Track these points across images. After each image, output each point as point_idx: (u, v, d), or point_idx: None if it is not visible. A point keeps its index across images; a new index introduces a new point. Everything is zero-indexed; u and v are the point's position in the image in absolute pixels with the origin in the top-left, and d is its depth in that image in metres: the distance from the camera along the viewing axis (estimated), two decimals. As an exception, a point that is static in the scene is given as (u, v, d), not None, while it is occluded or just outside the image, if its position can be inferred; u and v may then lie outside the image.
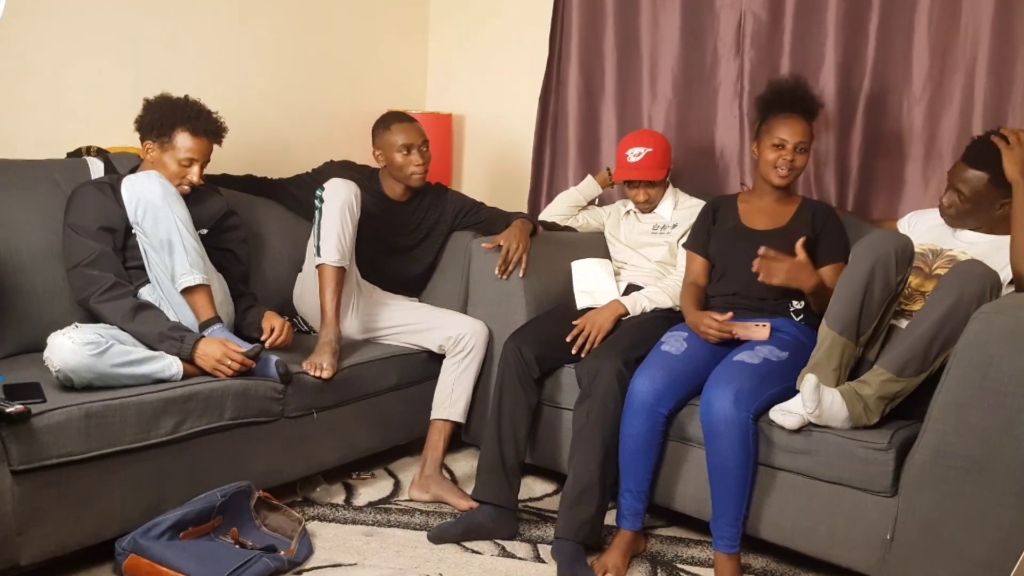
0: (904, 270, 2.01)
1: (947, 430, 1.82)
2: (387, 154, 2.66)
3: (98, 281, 2.10)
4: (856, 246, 2.06)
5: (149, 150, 2.27)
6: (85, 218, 2.17)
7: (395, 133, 2.64)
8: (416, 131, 2.66)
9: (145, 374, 1.99)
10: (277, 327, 2.26)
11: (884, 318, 2.05)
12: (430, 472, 2.47)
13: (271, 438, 2.23)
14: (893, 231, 2.18)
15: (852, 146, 2.72)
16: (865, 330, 2.01)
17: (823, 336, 2.02)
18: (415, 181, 2.67)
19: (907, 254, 2.01)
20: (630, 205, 2.78)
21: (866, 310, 2.00)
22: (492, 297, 2.62)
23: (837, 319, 2.01)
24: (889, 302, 2.03)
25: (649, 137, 2.70)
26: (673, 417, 2.17)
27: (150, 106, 2.28)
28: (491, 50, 3.51)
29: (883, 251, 1.99)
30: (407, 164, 2.64)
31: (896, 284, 2.01)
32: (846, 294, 2.01)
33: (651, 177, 2.64)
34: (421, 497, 2.45)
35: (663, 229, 2.70)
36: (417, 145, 2.64)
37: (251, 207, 2.69)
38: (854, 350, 2.02)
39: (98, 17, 2.62)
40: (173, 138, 2.24)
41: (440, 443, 2.50)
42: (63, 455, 1.81)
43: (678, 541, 2.29)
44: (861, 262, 2.00)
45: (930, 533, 1.84)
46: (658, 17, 3.03)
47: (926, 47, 2.56)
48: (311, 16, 3.21)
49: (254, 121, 3.03)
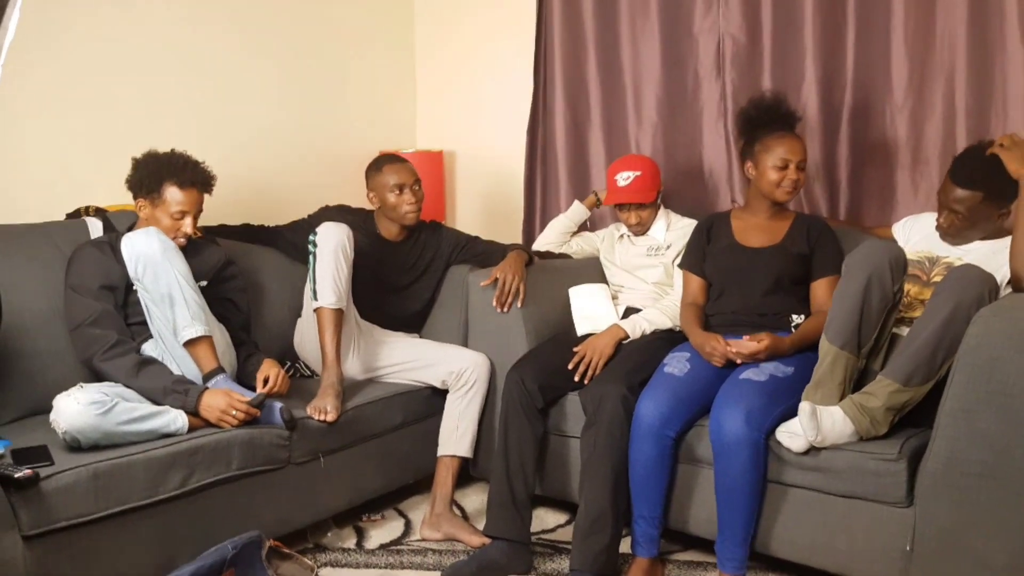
0: (899, 279, 2.02)
1: (957, 436, 1.82)
2: (380, 195, 2.68)
3: (101, 340, 2.11)
4: (848, 259, 2.07)
5: (142, 207, 2.30)
6: (85, 278, 2.18)
7: (387, 174, 2.67)
8: (408, 171, 2.69)
9: (151, 430, 1.98)
10: (272, 376, 2.25)
11: (884, 328, 2.05)
12: (440, 510, 2.46)
13: (279, 485, 2.22)
14: (884, 241, 2.19)
15: (840, 158, 2.75)
16: (866, 342, 2.01)
17: (824, 352, 2.02)
18: (409, 220, 2.69)
19: (900, 263, 2.02)
20: (623, 229, 2.80)
21: (865, 322, 2.00)
22: (492, 329, 2.62)
23: (837, 334, 2.00)
24: (888, 312, 2.03)
25: (637, 161, 2.73)
26: (681, 439, 2.16)
27: (137, 164, 2.31)
28: (477, 86, 3.55)
29: (877, 262, 1.99)
30: (400, 203, 2.66)
31: (893, 294, 2.01)
32: (844, 308, 2.01)
33: (641, 200, 2.66)
34: (433, 536, 2.43)
35: (657, 251, 2.71)
36: (409, 184, 2.66)
37: (249, 256, 2.70)
38: (856, 363, 2.02)
39: (89, 76, 2.65)
40: (162, 193, 2.26)
41: (449, 479, 2.49)
42: (73, 517, 1.80)
43: (696, 565, 2.26)
44: (856, 275, 2.01)
45: (950, 541, 1.83)
46: (638, 45, 3.07)
47: (904, 56, 2.60)
48: (299, 64, 3.26)
49: (248, 170, 3.06)
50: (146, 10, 2.78)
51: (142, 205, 2.29)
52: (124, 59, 2.73)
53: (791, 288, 2.35)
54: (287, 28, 3.21)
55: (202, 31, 2.94)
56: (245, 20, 3.08)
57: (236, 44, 3.05)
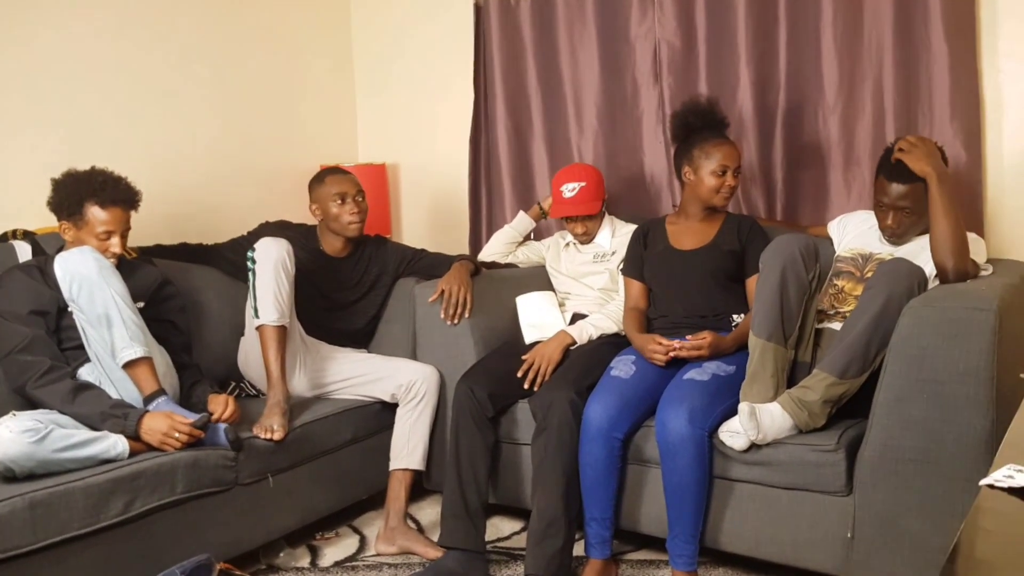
0: (813, 267, 2.09)
1: (891, 425, 1.87)
2: (323, 206, 2.67)
3: (33, 366, 2.06)
4: (763, 254, 2.13)
5: (66, 230, 2.23)
6: (14, 303, 2.12)
7: (329, 184, 2.66)
8: (350, 181, 2.68)
9: (89, 456, 1.94)
10: (221, 406, 2.22)
11: (807, 317, 2.11)
12: (395, 524, 2.44)
13: (227, 507, 2.18)
14: (795, 233, 2.24)
15: (775, 159, 2.80)
16: (791, 332, 2.07)
17: (753, 345, 2.07)
18: (352, 231, 2.68)
19: (811, 251, 2.09)
20: (568, 237, 2.82)
21: (787, 312, 2.05)
22: (440, 340, 2.62)
23: (761, 326, 2.05)
24: (807, 301, 2.09)
25: (581, 171, 2.76)
26: (629, 441, 2.19)
27: (57, 185, 2.24)
28: (419, 97, 3.56)
29: (788, 253, 2.06)
30: (342, 213, 2.65)
31: (809, 282, 2.08)
32: (764, 301, 2.06)
33: (587, 211, 2.69)
34: (388, 550, 2.42)
35: (603, 257, 2.74)
36: (352, 195, 2.66)
37: (186, 275, 2.66)
38: (785, 353, 2.06)
39: (13, 92, 2.58)
40: (84, 214, 2.20)
41: (402, 493, 2.48)
42: (9, 549, 1.74)
43: (649, 564, 2.29)
44: (771, 268, 2.07)
45: (888, 527, 1.88)
46: (576, 52, 3.11)
47: (834, 58, 2.66)
48: (236, 79, 3.22)
49: (184, 187, 3.01)
50: (74, 23, 2.71)
51: (66, 228, 2.23)
52: (52, 74, 2.66)
53: (728, 286, 2.40)
54: (221, 42, 3.17)
55: (131, 45, 2.87)
56: (177, 35, 3.02)
57: (170, 60, 2.99)
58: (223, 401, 2.24)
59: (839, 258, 2.36)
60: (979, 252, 2.17)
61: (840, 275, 2.31)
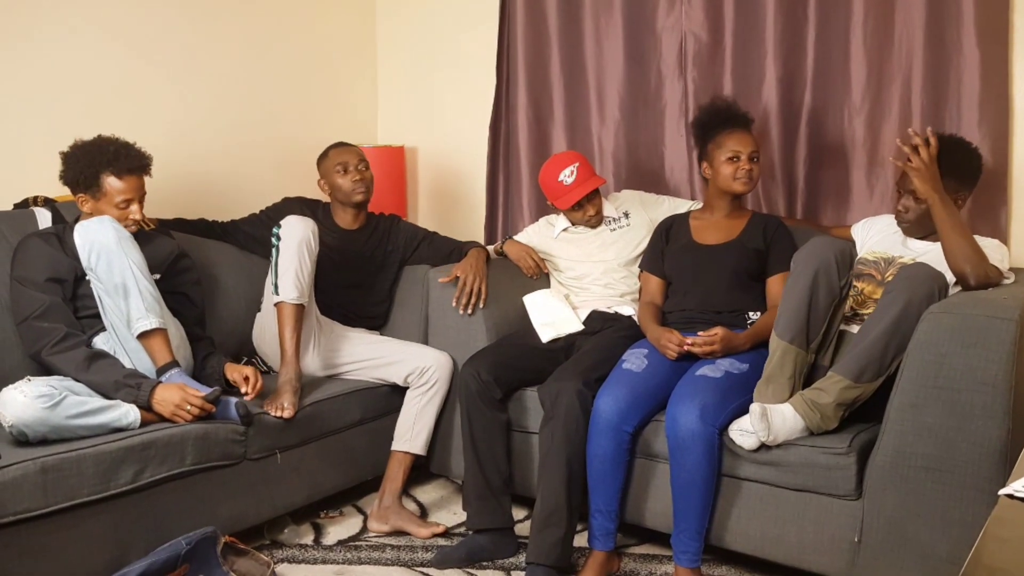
0: (846, 274, 2.06)
1: (905, 431, 1.85)
2: (328, 179, 2.71)
3: (49, 333, 2.07)
4: (796, 255, 2.10)
5: (84, 202, 2.23)
6: (32, 270, 2.14)
7: (332, 157, 2.71)
8: (352, 152, 2.72)
9: (101, 424, 1.95)
10: (251, 375, 2.23)
11: (832, 323, 2.08)
12: (388, 503, 2.46)
13: (234, 481, 2.20)
14: (832, 237, 2.22)
15: (798, 158, 2.77)
16: (814, 337, 2.04)
17: (774, 347, 2.05)
18: (357, 197, 2.69)
19: (847, 258, 2.06)
20: (557, 229, 2.79)
21: (813, 317, 2.03)
22: (452, 327, 2.62)
23: (786, 329, 2.03)
24: (835, 307, 2.06)
25: (567, 156, 2.71)
26: (638, 434, 2.18)
27: (67, 158, 2.23)
28: (440, 81, 3.54)
29: (824, 258, 2.03)
30: (345, 182, 2.68)
31: (840, 288, 2.05)
32: (792, 303, 2.03)
33: (596, 184, 2.66)
34: (380, 528, 2.44)
35: (617, 221, 2.74)
36: (354, 164, 2.68)
37: (203, 249, 2.67)
38: (806, 357, 2.04)
39: (39, 63, 2.60)
40: (102, 185, 2.20)
41: (400, 474, 2.49)
42: (20, 512, 1.76)
43: (652, 559, 2.28)
44: (804, 271, 2.04)
45: (896, 533, 1.87)
46: (601, 42, 3.08)
47: (863, 58, 2.63)
48: (260, 59, 3.22)
49: (206, 164, 3.02)
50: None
51: (83, 200, 2.23)
52: (74, 43, 2.67)
53: (748, 284, 2.38)
54: (247, 23, 3.17)
55: (156, 16, 2.87)
56: (203, 11, 3.02)
57: (194, 35, 3.00)
58: (242, 371, 2.25)
59: (861, 260, 2.34)
60: (1002, 259, 2.15)
61: (861, 277, 2.28)
